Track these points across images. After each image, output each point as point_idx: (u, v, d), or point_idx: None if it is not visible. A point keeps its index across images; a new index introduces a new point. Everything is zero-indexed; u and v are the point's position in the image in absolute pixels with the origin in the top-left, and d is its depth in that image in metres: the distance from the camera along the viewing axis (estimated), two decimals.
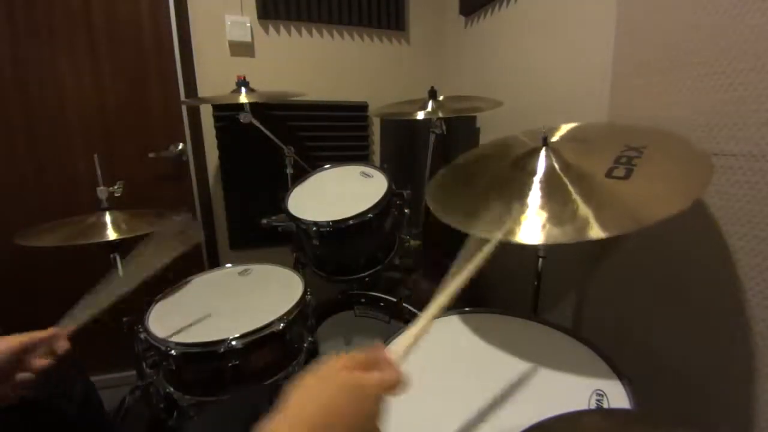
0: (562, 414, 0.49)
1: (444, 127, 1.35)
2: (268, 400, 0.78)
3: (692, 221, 0.85)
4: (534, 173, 0.82)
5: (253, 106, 1.46)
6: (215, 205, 1.86)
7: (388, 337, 0.83)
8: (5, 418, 0.71)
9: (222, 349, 0.92)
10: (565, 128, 1.00)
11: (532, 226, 0.71)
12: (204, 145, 1.79)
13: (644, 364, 0.93)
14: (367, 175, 1.35)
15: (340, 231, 1.17)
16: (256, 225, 1.53)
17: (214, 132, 1.76)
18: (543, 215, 0.72)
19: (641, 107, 0.98)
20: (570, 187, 0.75)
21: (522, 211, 0.74)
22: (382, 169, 1.34)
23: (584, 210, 0.69)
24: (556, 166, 0.82)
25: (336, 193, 1.34)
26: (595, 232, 0.64)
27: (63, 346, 0.66)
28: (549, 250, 0.96)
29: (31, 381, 0.63)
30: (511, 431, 0.60)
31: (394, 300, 1.23)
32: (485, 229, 0.74)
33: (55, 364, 0.65)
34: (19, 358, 0.62)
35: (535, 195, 0.77)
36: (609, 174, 0.75)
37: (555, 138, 0.95)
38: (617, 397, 0.64)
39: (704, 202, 0.84)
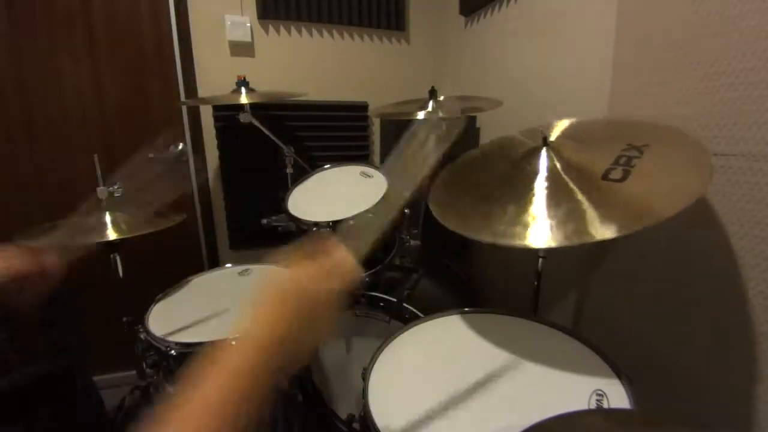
0: (562, 414, 0.48)
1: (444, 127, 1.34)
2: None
3: (692, 221, 0.85)
4: (536, 174, 0.81)
5: (253, 106, 1.46)
6: (215, 205, 1.86)
7: (388, 337, 0.84)
8: (7, 416, 0.71)
9: None
10: (563, 125, 0.99)
11: (540, 230, 0.70)
12: (204, 145, 1.79)
13: (644, 364, 0.93)
14: (367, 175, 1.35)
15: None
16: (256, 225, 1.53)
17: (214, 132, 1.76)
18: (549, 218, 0.72)
19: (641, 107, 0.98)
20: (573, 187, 0.75)
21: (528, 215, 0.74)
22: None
23: (589, 211, 0.69)
24: (558, 165, 0.81)
25: (336, 193, 1.34)
26: (601, 234, 0.64)
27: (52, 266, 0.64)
28: (549, 250, 0.96)
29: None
30: (511, 431, 0.60)
31: (394, 300, 1.22)
32: (487, 231, 0.74)
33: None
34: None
35: (540, 198, 0.76)
36: (606, 177, 0.74)
37: (554, 136, 0.94)
38: (617, 397, 0.64)
39: (704, 202, 0.83)
